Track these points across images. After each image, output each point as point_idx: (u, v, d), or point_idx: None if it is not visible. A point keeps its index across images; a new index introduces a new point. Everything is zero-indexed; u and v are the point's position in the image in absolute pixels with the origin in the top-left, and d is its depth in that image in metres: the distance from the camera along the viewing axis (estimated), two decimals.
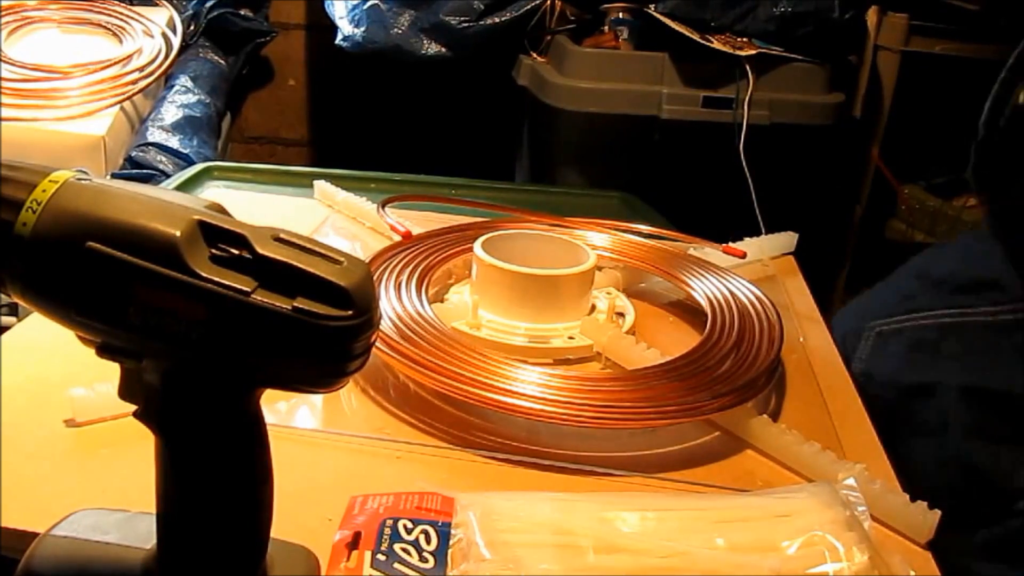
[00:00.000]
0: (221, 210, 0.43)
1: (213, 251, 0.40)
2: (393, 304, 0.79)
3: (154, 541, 0.48)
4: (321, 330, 0.40)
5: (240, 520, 0.46)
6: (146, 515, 0.48)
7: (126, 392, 0.45)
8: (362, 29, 1.81)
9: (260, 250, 0.40)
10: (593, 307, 0.88)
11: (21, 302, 0.42)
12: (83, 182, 0.41)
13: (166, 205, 0.41)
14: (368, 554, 0.54)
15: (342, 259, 0.41)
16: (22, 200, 0.41)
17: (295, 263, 0.40)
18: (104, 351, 0.43)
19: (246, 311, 0.40)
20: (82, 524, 0.51)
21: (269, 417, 0.46)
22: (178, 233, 0.40)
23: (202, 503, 0.46)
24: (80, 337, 0.43)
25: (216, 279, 0.40)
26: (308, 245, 0.41)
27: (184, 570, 0.47)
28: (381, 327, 0.73)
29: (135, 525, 0.50)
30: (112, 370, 0.46)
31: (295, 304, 0.40)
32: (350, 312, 0.40)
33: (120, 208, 0.40)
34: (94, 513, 0.52)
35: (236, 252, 0.41)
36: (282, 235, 0.41)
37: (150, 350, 0.42)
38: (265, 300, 0.40)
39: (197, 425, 0.44)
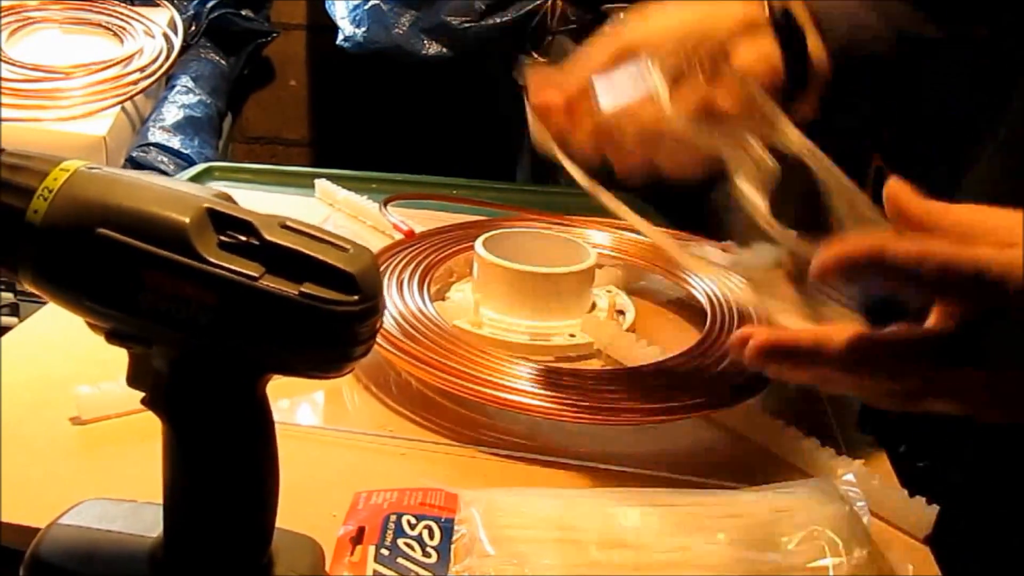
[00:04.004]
0: (229, 199, 0.43)
1: (221, 238, 0.41)
2: (395, 302, 0.80)
3: (160, 529, 0.48)
4: (328, 315, 0.40)
5: (246, 507, 0.47)
6: (152, 505, 0.49)
7: (134, 379, 0.45)
8: (363, 29, 1.81)
9: (268, 237, 0.41)
10: (593, 305, 0.88)
11: (33, 289, 0.43)
12: (94, 171, 0.42)
13: (175, 193, 0.42)
14: (372, 549, 0.54)
15: (348, 246, 0.42)
16: (34, 188, 0.41)
17: (302, 249, 0.41)
18: (113, 337, 0.43)
19: (254, 296, 0.40)
20: (89, 513, 0.51)
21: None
22: (187, 220, 0.40)
23: (209, 489, 0.46)
24: (89, 324, 0.44)
25: (224, 265, 0.40)
26: (315, 232, 0.42)
27: (190, 557, 0.47)
28: (383, 325, 0.73)
29: (142, 514, 0.51)
30: (117, 369, 0.46)
31: (302, 289, 0.40)
32: (356, 297, 0.41)
33: (130, 196, 0.41)
34: (101, 503, 0.52)
35: (244, 239, 0.41)
36: (289, 223, 0.42)
37: (159, 336, 0.43)
38: (272, 285, 0.40)
39: (204, 411, 0.44)
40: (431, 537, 0.55)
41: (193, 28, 1.86)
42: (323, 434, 0.69)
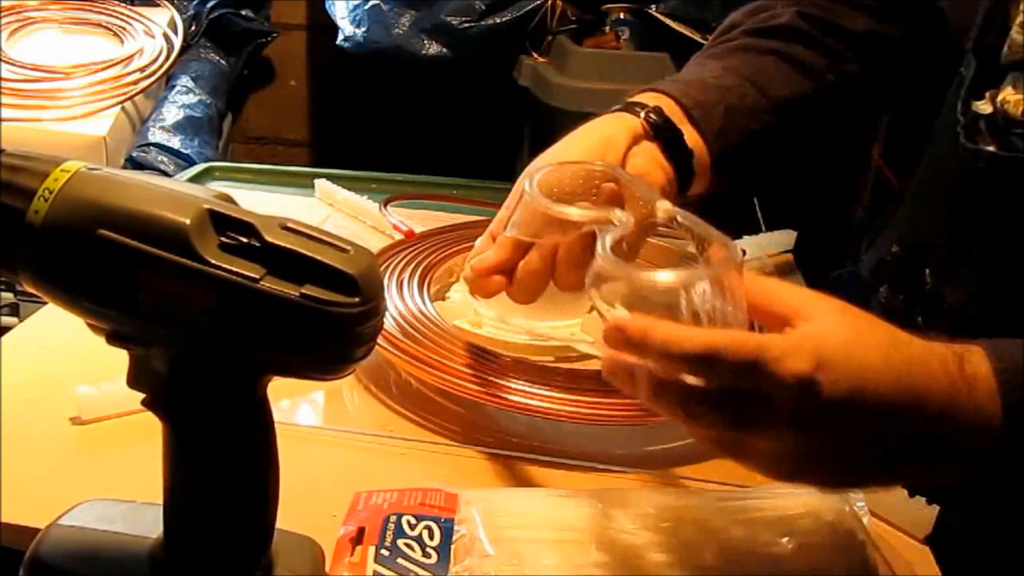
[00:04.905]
0: (230, 200, 0.43)
1: (222, 239, 0.41)
2: (395, 302, 0.80)
3: (160, 530, 0.48)
4: (328, 316, 0.41)
5: (246, 507, 0.47)
6: (152, 505, 0.49)
7: (134, 380, 0.45)
8: (363, 29, 1.81)
9: (268, 238, 0.41)
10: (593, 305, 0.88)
11: (33, 290, 0.43)
12: (94, 172, 0.42)
13: (176, 194, 0.42)
14: (372, 549, 0.54)
15: (349, 247, 0.42)
16: (34, 189, 0.42)
17: (303, 251, 0.41)
18: (114, 338, 0.43)
19: (254, 297, 0.40)
20: (89, 514, 0.51)
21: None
22: (188, 221, 0.40)
23: (209, 490, 0.46)
24: (90, 325, 0.44)
25: (225, 266, 0.40)
26: (315, 234, 0.42)
27: (190, 558, 0.47)
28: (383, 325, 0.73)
29: (142, 515, 0.51)
30: (117, 369, 0.46)
31: (303, 291, 0.40)
32: (357, 299, 0.41)
33: (130, 196, 0.41)
34: (101, 503, 0.52)
35: (244, 240, 0.41)
36: (290, 224, 0.42)
37: (159, 337, 0.43)
38: (273, 287, 0.40)
39: (205, 412, 0.44)
40: (431, 537, 0.55)
41: (193, 28, 1.86)
42: (323, 434, 0.69)
